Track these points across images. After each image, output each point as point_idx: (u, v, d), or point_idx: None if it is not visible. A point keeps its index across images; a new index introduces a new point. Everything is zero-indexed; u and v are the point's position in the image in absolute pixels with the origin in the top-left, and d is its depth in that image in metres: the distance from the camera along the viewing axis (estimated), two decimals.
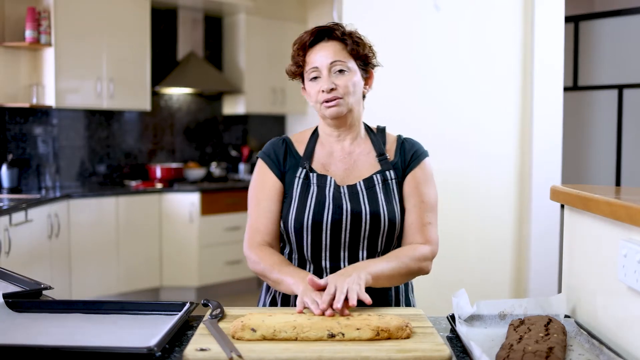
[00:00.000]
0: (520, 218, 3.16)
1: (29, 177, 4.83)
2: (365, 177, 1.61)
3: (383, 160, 1.63)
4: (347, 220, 1.55)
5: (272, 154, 1.66)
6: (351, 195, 1.58)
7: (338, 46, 1.59)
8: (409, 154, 1.66)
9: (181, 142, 5.81)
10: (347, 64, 1.58)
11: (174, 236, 5.06)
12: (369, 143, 1.67)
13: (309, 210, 1.57)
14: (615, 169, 4.05)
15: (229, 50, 5.92)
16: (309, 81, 1.61)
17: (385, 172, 1.62)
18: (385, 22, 3.06)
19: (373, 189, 1.59)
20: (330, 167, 1.64)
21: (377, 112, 3.01)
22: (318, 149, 1.67)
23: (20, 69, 4.64)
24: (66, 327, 1.27)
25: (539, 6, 3.07)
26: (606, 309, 1.25)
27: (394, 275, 1.52)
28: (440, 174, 3.09)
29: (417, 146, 1.69)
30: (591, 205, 1.27)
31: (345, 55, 1.58)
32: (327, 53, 1.57)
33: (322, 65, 1.57)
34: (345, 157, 1.65)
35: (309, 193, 1.59)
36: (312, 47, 1.60)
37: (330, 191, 1.58)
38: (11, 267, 2.02)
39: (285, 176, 1.64)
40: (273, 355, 1.11)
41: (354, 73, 1.59)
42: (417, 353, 1.12)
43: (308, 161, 1.63)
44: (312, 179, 1.60)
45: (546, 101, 3.11)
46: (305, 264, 1.61)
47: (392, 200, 1.59)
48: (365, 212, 1.56)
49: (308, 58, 1.60)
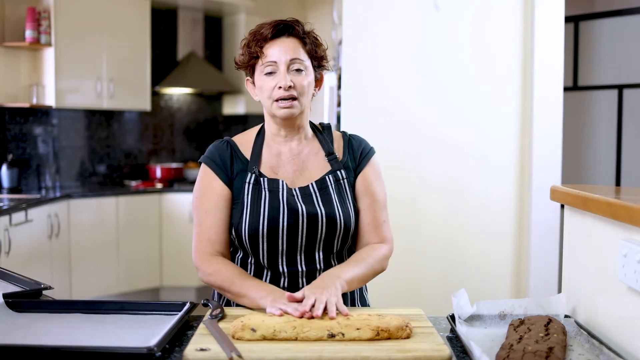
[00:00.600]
0: (520, 218, 3.16)
1: (29, 177, 4.83)
2: (317, 179, 1.58)
3: (333, 160, 1.61)
4: (304, 224, 1.52)
5: (218, 159, 1.59)
6: (304, 198, 1.55)
7: (297, 44, 1.56)
8: (357, 152, 1.63)
9: (181, 142, 5.81)
10: (305, 63, 1.55)
11: (174, 236, 5.06)
12: (317, 142, 1.64)
13: (263, 216, 1.52)
14: (615, 169, 4.05)
15: (229, 50, 5.92)
16: (262, 75, 1.55)
17: (336, 172, 1.59)
18: (385, 22, 3.06)
19: (326, 190, 1.57)
20: (280, 169, 1.59)
21: (376, 112, 3.02)
22: (265, 151, 1.62)
23: (20, 69, 4.64)
24: (66, 327, 1.27)
25: (539, 6, 3.07)
26: (606, 309, 1.25)
27: (363, 278, 1.54)
28: (439, 173, 3.11)
29: (364, 143, 1.67)
30: (591, 205, 1.27)
31: (304, 54, 1.56)
32: (287, 49, 1.54)
33: (281, 60, 1.53)
34: (293, 158, 1.60)
35: (261, 199, 1.53)
36: (271, 39, 1.55)
37: (284, 195, 1.54)
38: (11, 267, 2.02)
39: (234, 182, 1.58)
40: (273, 355, 1.11)
41: (310, 73, 1.56)
42: (417, 353, 1.12)
43: (256, 165, 1.58)
44: (263, 183, 1.55)
45: (546, 101, 3.10)
46: (262, 270, 1.57)
47: (346, 201, 1.57)
48: (321, 214, 1.53)
49: (266, 51, 1.54)
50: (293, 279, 1.55)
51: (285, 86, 1.52)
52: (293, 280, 1.55)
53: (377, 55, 3.00)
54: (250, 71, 1.61)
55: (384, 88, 3.02)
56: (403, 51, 3.10)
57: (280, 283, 1.55)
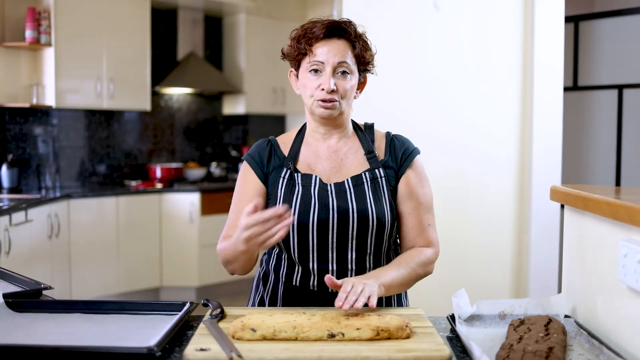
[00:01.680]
0: (520, 218, 3.16)
1: (29, 177, 4.83)
2: (354, 175, 1.57)
3: (372, 159, 1.59)
4: (334, 219, 1.52)
5: (257, 156, 1.63)
6: (338, 193, 1.54)
7: (347, 46, 1.55)
8: (399, 152, 1.61)
9: (181, 142, 5.82)
10: (351, 66, 1.54)
11: (174, 236, 5.06)
12: (357, 141, 1.63)
13: (295, 210, 1.53)
14: (615, 169, 4.05)
15: (229, 50, 5.92)
16: (307, 72, 1.55)
17: (374, 170, 1.57)
18: (385, 22, 3.06)
19: (361, 186, 1.55)
20: (317, 166, 1.60)
21: (376, 113, 3.01)
22: (303, 148, 1.63)
23: (20, 69, 4.64)
24: (66, 327, 1.27)
25: (539, 6, 3.07)
26: (606, 309, 1.25)
27: (403, 283, 1.51)
28: (440, 173, 3.10)
29: (407, 144, 1.64)
30: (591, 205, 1.27)
31: (352, 57, 1.55)
32: (337, 52, 1.53)
33: (328, 62, 1.52)
34: (331, 156, 1.61)
35: (294, 193, 1.55)
36: (322, 39, 1.54)
37: (316, 190, 1.54)
38: (11, 267, 2.02)
39: (269, 177, 1.61)
40: (273, 355, 1.11)
41: (354, 77, 1.56)
42: (417, 353, 1.12)
43: (292, 161, 1.60)
44: (297, 179, 1.57)
45: (546, 101, 3.10)
46: (294, 266, 1.58)
47: (382, 199, 1.55)
48: (353, 210, 1.52)
49: (315, 49, 1.54)
50: (323, 278, 1.52)
51: (328, 89, 1.51)
52: (323, 279, 1.52)
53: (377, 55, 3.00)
54: (296, 65, 1.60)
55: (384, 88, 3.02)
56: (403, 51, 3.10)
57: (310, 281, 1.55)
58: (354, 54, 1.55)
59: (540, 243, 3.11)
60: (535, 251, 3.11)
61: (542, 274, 3.12)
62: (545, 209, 3.09)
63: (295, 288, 1.58)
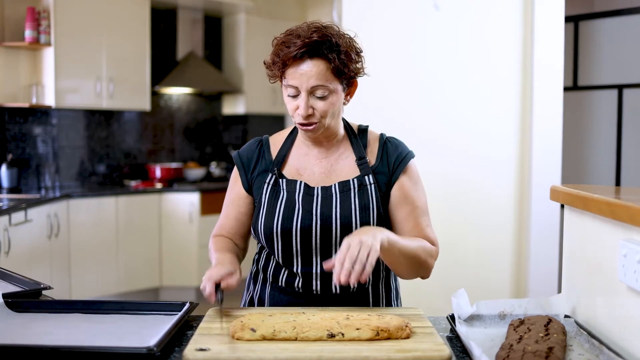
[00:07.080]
0: (520, 218, 3.16)
1: (29, 177, 4.83)
2: (342, 180, 1.54)
3: (362, 165, 1.55)
4: (317, 226, 1.49)
5: (245, 157, 1.63)
6: (324, 198, 1.51)
7: (322, 66, 1.43)
8: (392, 157, 1.57)
9: (181, 142, 5.81)
10: (329, 86, 1.45)
11: (174, 236, 5.07)
12: (348, 146, 1.59)
13: (278, 216, 1.51)
14: (615, 169, 4.05)
15: (229, 50, 5.92)
16: (286, 96, 1.50)
17: (363, 177, 1.53)
18: (385, 22, 3.06)
19: (347, 193, 1.51)
20: (306, 170, 1.57)
21: (375, 114, 3.01)
22: (293, 151, 1.60)
23: (20, 69, 4.64)
24: (66, 327, 1.27)
25: (539, 6, 3.07)
26: (606, 309, 1.24)
27: (405, 252, 1.44)
28: (440, 173, 3.10)
29: (401, 147, 1.59)
30: (591, 205, 1.26)
31: (329, 76, 1.44)
32: (311, 74, 1.43)
33: (302, 87, 1.44)
34: (321, 161, 1.58)
35: (278, 199, 1.53)
36: (296, 60, 1.43)
37: (300, 195, 1.52)
38: (11, 267, 2.02)
39: (254, 183, 1.60)
40: (272, 355, 1.11)
41: (335, 93, 1.47)
42: (417, 353, 1.12)
43: (278, 167, 1.57)
44: (282, 184, 1.55)
45: (546, 101, 3.10)
46: (281, 268, 1.57)
47: (369, 206, 1.51)
48: (336, 216, 1.49)
49: (288, 73, 1.45)
50: (307, 281, 1.53)
51: (304, 115, 1.46)
52: (307, 282, 1.53)
53: (377, 55, 3.00)
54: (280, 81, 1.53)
55: (383, 89, 3.02)
56: (403, 51, 3.10)
57: (295, 283, 1.55)
58: (333, 71, 1.44)
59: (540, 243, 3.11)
60: (535, 251, 3.11)
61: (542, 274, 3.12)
62: (545, 209, 3.09)
63: (281, 288, 1.57)
